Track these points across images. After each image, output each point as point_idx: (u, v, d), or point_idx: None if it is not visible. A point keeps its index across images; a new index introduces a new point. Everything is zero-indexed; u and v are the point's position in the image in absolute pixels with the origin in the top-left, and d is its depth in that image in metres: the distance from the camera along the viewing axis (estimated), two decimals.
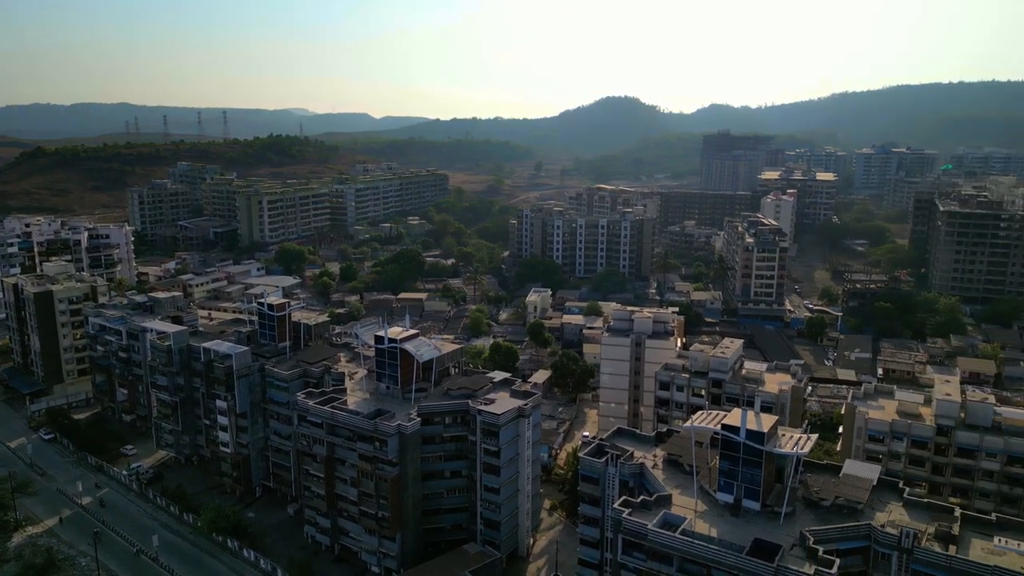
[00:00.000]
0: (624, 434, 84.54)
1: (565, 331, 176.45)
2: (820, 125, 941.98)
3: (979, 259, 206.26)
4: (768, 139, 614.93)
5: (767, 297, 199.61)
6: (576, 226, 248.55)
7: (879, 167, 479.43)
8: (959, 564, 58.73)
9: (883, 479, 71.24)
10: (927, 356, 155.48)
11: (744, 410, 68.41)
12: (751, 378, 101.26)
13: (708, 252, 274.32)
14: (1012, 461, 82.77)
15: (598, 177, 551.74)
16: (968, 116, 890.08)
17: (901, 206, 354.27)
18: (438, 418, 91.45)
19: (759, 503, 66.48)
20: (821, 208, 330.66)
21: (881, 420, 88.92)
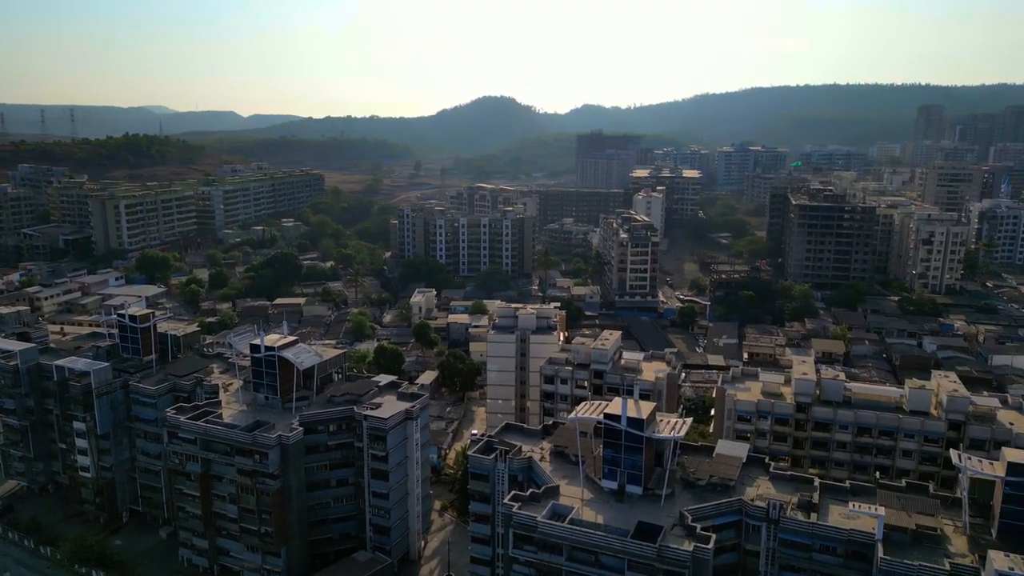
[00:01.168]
0: (512, 430, 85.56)
1: (451, 331, 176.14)
2: (684, 125, 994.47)
3: (827, 248, 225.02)
4: (638, 138, 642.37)
5: (642, 290, 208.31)
6: (459, 225, 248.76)
7: (738, 164, 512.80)
8: (820, 530, 63.90)
9: (752, 456, 76.27)
10: (786, 339, 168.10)
11: (624, 399, 71.05)
12: (630, 368, 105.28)
13: (586, 248, 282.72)
14: (861, 432, 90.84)
15: (478, 176, 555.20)
16: (814, 116, 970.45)
17: (759, 200, 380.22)
18: (322, 426, 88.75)
19: (641, 487, 69.31)
20: (688, 204, 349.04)
21: (748, 401, 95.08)
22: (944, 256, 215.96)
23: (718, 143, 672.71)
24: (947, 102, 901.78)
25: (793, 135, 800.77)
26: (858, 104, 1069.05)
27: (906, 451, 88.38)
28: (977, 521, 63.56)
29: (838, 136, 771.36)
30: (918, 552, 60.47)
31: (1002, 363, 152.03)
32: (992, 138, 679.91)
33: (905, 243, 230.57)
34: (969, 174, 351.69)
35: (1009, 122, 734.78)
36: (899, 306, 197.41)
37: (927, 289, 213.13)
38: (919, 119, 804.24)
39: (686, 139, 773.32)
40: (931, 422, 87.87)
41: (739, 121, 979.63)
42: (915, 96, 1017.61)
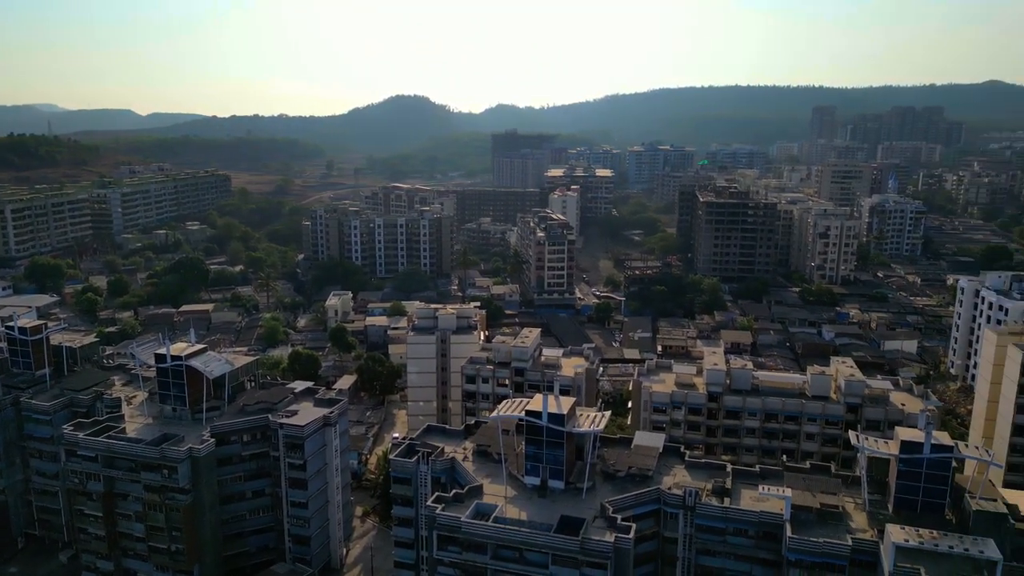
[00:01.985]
0: (434, 431, 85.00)
1: (369, 333, 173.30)
2: (596, 125, 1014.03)
3: (733, 243, 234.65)
4: (552, 138, 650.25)
5: (559, 287, 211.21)
6: (374, 226, 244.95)
7: (648, 163, 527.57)
8: (733, 514, 66.55)
9: (668, 446, 78.56)
10: (697, 331, 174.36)
11: (545, 395, 71.81)
12: (550, 364, 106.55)
13: (504, 247, 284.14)
14: (768, 418, 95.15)
15: (393, 176, 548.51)
16: (718, 117, 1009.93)
17: (668, 198, 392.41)
18: (235, 437, 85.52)
19: (563, 482, 70.26)
20: (602, 202, 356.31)
21: (663, 392, 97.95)
22: (839, 249, 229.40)
23: (629, 143, 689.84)
24: (839, 103, 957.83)
25: (699, 135, 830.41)
26: (758, 105, 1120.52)
27: (809, 434, 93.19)
28: (875, 497, 67.71)
29: (741, 135, 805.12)
30: (823, 530, 63.88)
31: (893, 348, 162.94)
32: (879, 137, 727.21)
33: (804, 237, 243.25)
34: (860, 171, 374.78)
35: (894, 122, 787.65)
36: (800, 297, 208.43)
37: (825, 280, 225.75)
38: (814, 119, 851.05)
39: (598, 139, 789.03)
40: (831, 406, 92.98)
41: (648, 121, 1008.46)
42: (810, 97, 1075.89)
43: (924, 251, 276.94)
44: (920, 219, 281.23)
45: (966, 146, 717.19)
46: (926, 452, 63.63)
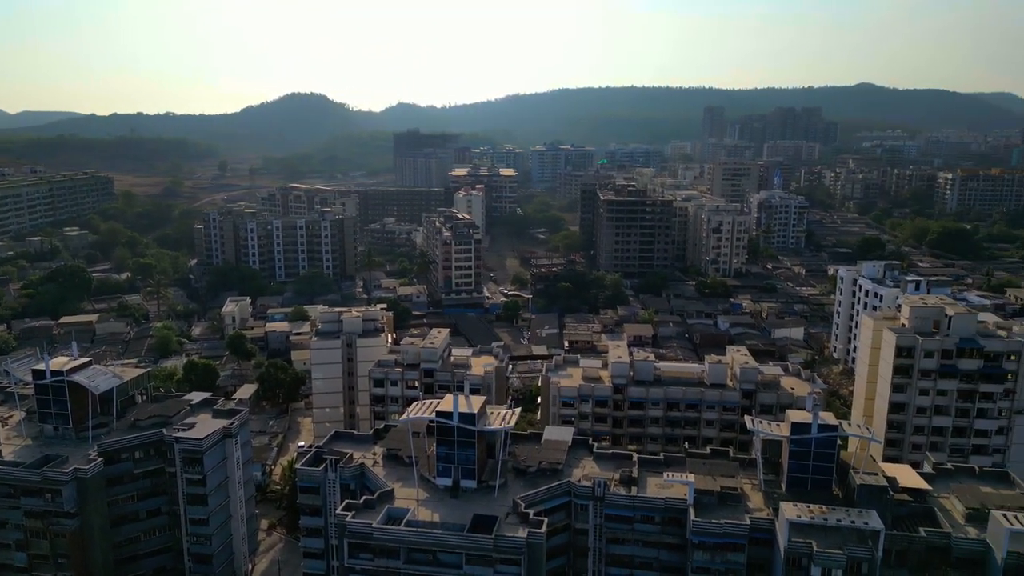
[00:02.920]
0: (342, 437, 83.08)
1: (270, 340, 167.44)
2: (499, 124, 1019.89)
3: (633, 239, 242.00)
4: (455, 137, 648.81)
5: (467, 287, 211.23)
6: (272, 228, 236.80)
7: (551, 163, 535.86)
8: (640, 501, 68.63)
9: (576, 439, 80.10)
10: (601, 326, 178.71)
11: (455, 395, 71.65)
12: (459, 364, 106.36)
13: (410, 248, 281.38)
14: (670, 407, 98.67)
15: (291, 176, 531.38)
16: (616, 117, 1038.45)
17: (571, 197, 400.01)
18: (126, 454, 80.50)
19: (475, 480, 70.32)
20: (506, 201, 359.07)
21: (570, 387, 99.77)
22: (731, 243, 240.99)
23: (531, 142, 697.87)
24: (727, 104, 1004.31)
25: (598, 134, 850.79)
26: (653, 106, 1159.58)
27: (709, 421, 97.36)
28: (770, 478, 71.54)
29: (637, 135, 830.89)
30: (723, 511, 66.92)
31: (782, 335, 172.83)
32: (765, 136, 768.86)
33: (698, 233, 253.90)
34: (748, 169, 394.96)
35: (778, 121, 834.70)
36: (697, 289, 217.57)
37: (719, 273, 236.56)
38: (705, 119, 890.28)
39: (501, 138, 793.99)
40: (728, 393, 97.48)
41: (549, 121, 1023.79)
42: (701, 99, 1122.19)
43: (807, 243, 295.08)
44: (803, 214, 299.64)
45: (842, 144, 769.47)
46: (814, 432, 67.79)
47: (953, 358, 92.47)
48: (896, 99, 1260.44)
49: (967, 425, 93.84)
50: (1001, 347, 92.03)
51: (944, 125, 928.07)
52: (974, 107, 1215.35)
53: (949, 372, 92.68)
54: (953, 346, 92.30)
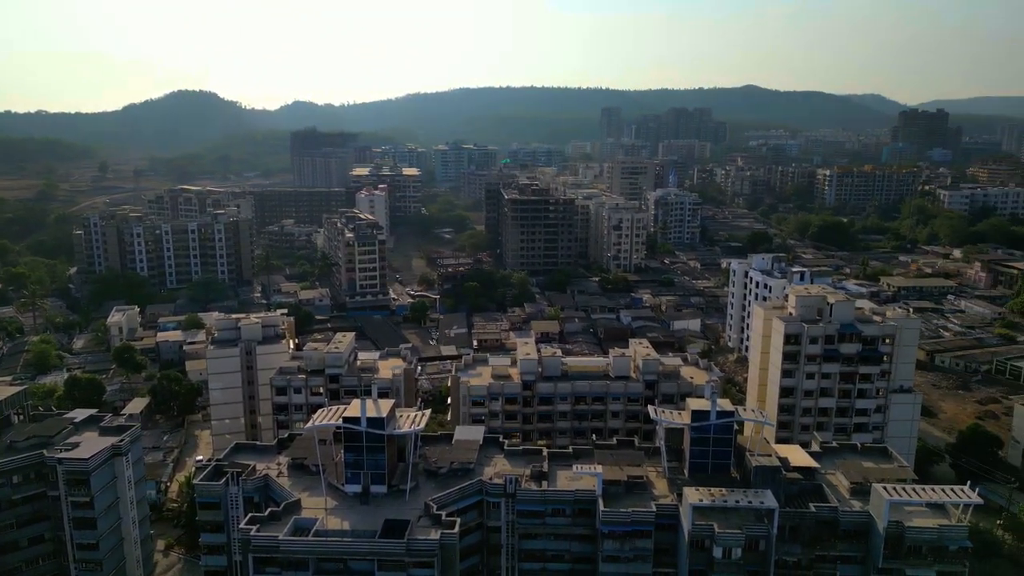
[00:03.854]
0: (243, 449, 79.82)
1: (162, 350, 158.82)
2: (400, 123, 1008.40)
3: (537, 238, 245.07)
4: (354, 136, 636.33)
5: (372, 288, 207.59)
6: (161, 232, 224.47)
7: (454, 162, 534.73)
8: (551, 495, 69.61)
9: (487, 437, 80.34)
10: (509, 324, 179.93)
11: (363, 400, 70.26)
12: (366, 368, 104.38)
13: (311, 250, 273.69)
14: (578, 400, 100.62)
15: (181, 177, 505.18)
16: (517, 116, 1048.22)
17: (475, 196, 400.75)
18: (2, 479, 74.26)
19: (386, 485, 69.24)
20: (410, 201, 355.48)
21: (480, 386, 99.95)
22: (631, 240, 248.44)
23: (433, 141, 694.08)
24: (624, 104, 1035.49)
25: (500, 134, 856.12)
26: (553, 105, 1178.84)
27: (614, 412, 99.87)
28: (673, 464, 74.20)
29: (538, 135, 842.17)
30: (630, 500, 68.88)
31: (681, 327, 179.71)
32: (660, 135, 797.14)
33: (600, 230, 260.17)
34: (645, 168, 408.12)
35: (671, 121, 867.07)
36: (600, 285, 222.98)
37: (620, 269, 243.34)
38: (602, 120, 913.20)
39: (402, 137, 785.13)
40: (632, 384, 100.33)
41: (451, 120, 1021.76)
42: (599, 99, 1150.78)
43: (702, 239, 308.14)
44: (697, 210, 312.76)
45: (731, 143, 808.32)
46: (712, 419, 70.87)
47: (835, 343, 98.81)
48: (779, 100, 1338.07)
49: (849, 405, 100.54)
50: (877, 331, 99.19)
51: (821, 125, 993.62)
52: (847, 108, 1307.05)
53: (832, 356, 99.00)
54: (835, 332, 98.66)
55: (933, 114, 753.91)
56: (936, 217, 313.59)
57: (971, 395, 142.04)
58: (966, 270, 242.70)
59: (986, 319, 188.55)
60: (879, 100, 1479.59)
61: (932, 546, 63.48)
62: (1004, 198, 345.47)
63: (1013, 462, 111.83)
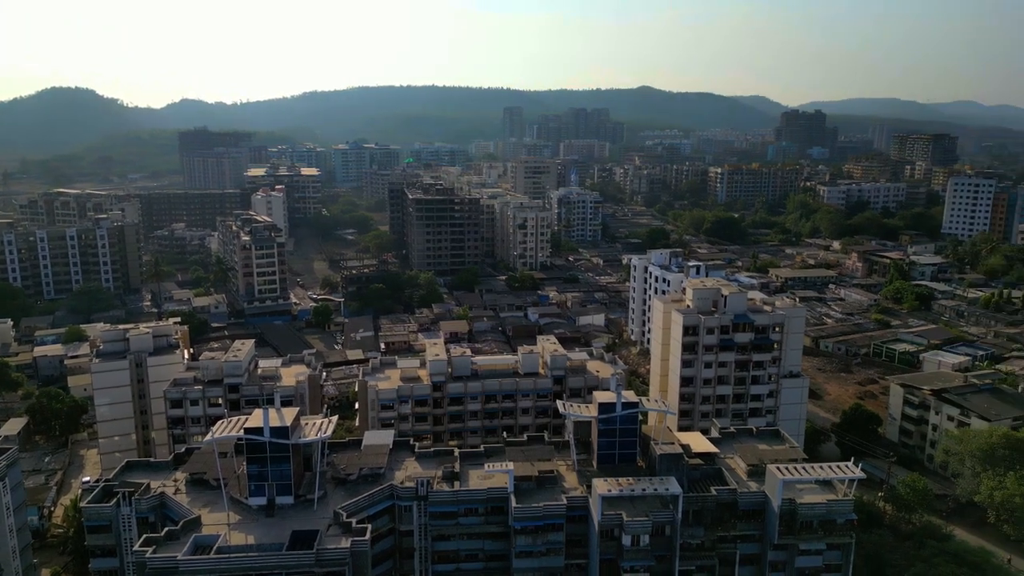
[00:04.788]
0: (136, 467, 75.34)
1: (40, 366, 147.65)
2: (297, 122, 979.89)
3: (444, 237, 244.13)
4: (249, 136, 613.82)
5: (272, 293, 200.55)
6: (36, 239, 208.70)
7: (355, 161, 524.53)
8: (463, 495, 69.52)
9: (398, 441, 79.36)
10: (417, 325, 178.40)
11: (265, 409, 67.78)
12: (268, 376, 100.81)
13: (204, 255, 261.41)
14: (488, 399, 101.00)
15: (57, 180, 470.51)
16: (419, 116, 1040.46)
17: (379, 196, 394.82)
18: None
19: (293, 496, 67.10)
20: (310, 202, 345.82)
21: (389, 389, 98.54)
22: (536, 238, 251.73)
23: (332, 141, 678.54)
24: (525, 104, 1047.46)
25: (402, 133, 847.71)
26: (455, 105, 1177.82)
27: (524, 409, 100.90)
28: (582, 457, 75.72)
29: (441, 134, 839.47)
30: (542, 494, 69.79)
31: (586, 322, 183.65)
32: (560, 135, 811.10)
33: (505, 229, 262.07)
34: (547, 167, 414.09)
35: (571, 121, 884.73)
36: (507, 284, 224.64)
37: (526, 267, 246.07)
38: (505, 119, 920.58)
39: (300, 136, 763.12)
40: (541, 380, 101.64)
41: (350, 119, 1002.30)
42: (500, 99, 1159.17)
43: (603, 236, 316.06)
44: (598, 208, 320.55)
45: (628, 143, 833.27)
46: (618, 411, 72.81)
47: (730, 333, 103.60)
48: (672, 102, 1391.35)
49: (744, 391, 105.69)
50: (768, 320, 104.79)
51: (712, 125, 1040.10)
52: (735, 109, 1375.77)
53: (727, 345, 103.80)
54: (729, 322, 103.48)
55: (812, 115, 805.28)
56: (817, 211, 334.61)
57: (852, 377, 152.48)
58: (844, 261, 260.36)
59: (863, 306, 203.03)
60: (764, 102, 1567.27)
61: (822, 520, 67.76)
62: (876, 193, 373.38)
63: (891, 438, 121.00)
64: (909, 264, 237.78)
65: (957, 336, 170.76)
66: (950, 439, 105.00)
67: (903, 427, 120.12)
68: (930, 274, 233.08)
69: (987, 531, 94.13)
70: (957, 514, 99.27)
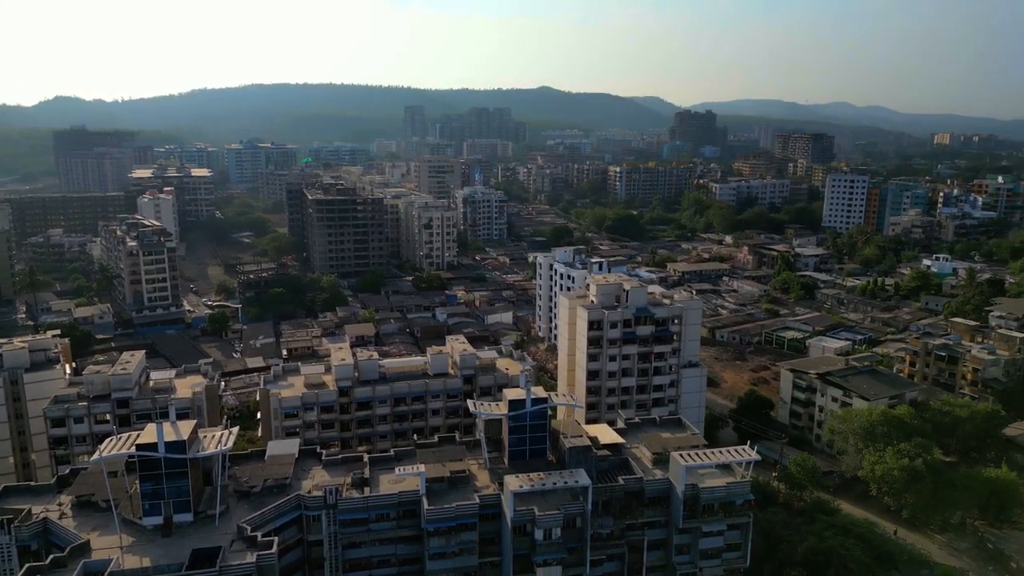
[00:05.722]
0: (15, 491, 69.65)
1: None
2: (185, 121, 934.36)
3: (346, 239, 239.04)
4: (132, 135, 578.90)
5: (163, 301, 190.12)
6: None
7: (250, 162, 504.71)
8: (374, 501, 68.36)
9: (303, 449, 77.08)
10: (321, 330, 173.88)
11: (159, 423, 64.26)
12: (161, 388, 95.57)
13: (86, 262, 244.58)
14: (397, 402, 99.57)
15: None
16: (316, 114, 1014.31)
17: (276, 197, 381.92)
18: None
19: (192, 513, 63.96)
20: (202, 204, 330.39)
21: (292, 396, 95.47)
22: (442, 238, 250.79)
23: (224, 140, 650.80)
24: (427, 104, 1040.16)
25: (299, 132, 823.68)
26: (354, 103, 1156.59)
27: (435, 410, 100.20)
28: (494, 455, 76.03)
29: (341, 133, 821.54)
30: (454, 494, 69.61)
31: (494, 321, 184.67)
32: (464, 135, 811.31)
33: (411, 229, 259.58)
34: (451, 166, 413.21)
35: (474, 121, 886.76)
36: (414, 284, 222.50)
37: (433, 267, 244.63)
38: (406, 118, 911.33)
39: (190, 136, 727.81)
40: (451, 381, 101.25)
41: (243, 118, 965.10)
42: (401, 98, 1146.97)
43: (509, 234, 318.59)
44: (503, 207, 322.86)
45: (531, 142, 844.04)
46: (528, 407, 73.62)
47: (632, 326, 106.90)
48: (571, 102, 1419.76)
49: (647, 382, 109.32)
50: (667, 313, 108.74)
51: (610, 125, 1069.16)
52: (632, 109, 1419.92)
53: (630, 339, 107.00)
54: (631, 316, 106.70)
55: (703, 115, 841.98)
56: (710, 208, 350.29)
57: (746, 364, 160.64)
58: (736, 254, 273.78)
59: (754, 296, 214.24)
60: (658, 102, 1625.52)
61: (722, 502, 71.03)
62: (764, 189, 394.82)
63: (782, 420, 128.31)
64: (794, 256, 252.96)
65: (838, 322, 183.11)
66: (834, 419, 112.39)
67: (793, 410, 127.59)
68: (813, 265, 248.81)
69: (870, 503, 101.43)
70: (843, 489, 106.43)
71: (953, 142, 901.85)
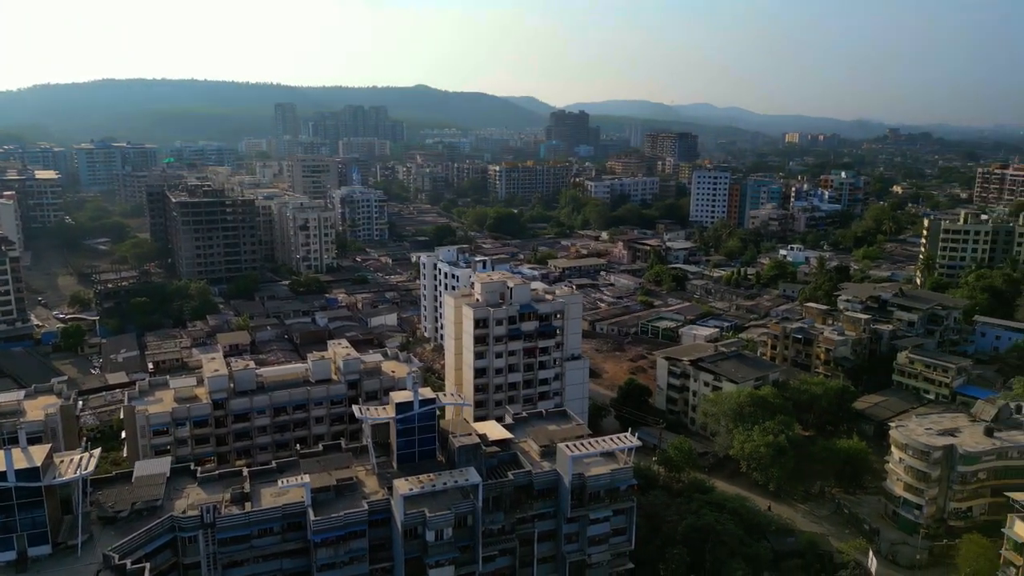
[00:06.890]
0: None
1: None
2: (26, 119, 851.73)
3: (215, 243, 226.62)
4: None
5: (7, 316, 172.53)
6: None
7: (104, 163, 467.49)
8: (255, 516, 65.41)
9: (175, 468, 72.56)
10: (191, 340, 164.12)
11: (7, 450, 58.40)
12: (8, 411, 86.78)
13: None
14: (277, 412, 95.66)
15: None
16: (178, 112, 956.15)
17: (135, 200, 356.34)
18: None
19: (50, 545, 58.61)
20: (49, 209, 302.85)
21: (161, 412, 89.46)
22: (320, 239, 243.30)
23: (73, 139, 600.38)
24: (298, 101, 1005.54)
25: (159, 131, 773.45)
26: (220, 100, 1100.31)
27: (318, 418, 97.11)
28: (382, 459, 74.73)
29: (206, 132, 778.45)
30: (342, 503, 67.84)
31: (378, 323, 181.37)
32: (339, 133, 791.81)
33: (285, 231, 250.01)
34: (326, 165, 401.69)
35: (349, 119, 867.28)
36: (291, 288, 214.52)
37: (311, 270, 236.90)
38: (277, 116, 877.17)
39: (32, 135, 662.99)
40: (334, 387, 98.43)
41: (94, 115, 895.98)
42: (270, 95, 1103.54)
43: (391, 234, 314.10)
44: (383, 207, 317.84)
45: (409, 141, 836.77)
46: (416, 409, 72.96)
47: (517, 323, 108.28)
48: (448, 101, 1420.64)
49: (533, 377, 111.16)
50: (550, 309, 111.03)
51: (487, 124, 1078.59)
52: (508, 109, 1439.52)
53: (515, 335, 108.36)
54: (516, 313, 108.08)
55: (577, 115, 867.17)
56: (586, 205, 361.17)
57: (625, 354, 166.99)
58: (612, 249, 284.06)
59: (630, 289, 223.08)
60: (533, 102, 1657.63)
61: (608, 489, 73.48)
62: (635, 187, 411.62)
63: (660, 406, 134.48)
64: (665, 250, 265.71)
65: (707, 311, 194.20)
66: (707, 402, 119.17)
67: (669, 395, 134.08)
68: (683, 258, 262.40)
69: (741, 480, 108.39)
70: (717, 468, 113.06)
71: (802, 141, 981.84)
